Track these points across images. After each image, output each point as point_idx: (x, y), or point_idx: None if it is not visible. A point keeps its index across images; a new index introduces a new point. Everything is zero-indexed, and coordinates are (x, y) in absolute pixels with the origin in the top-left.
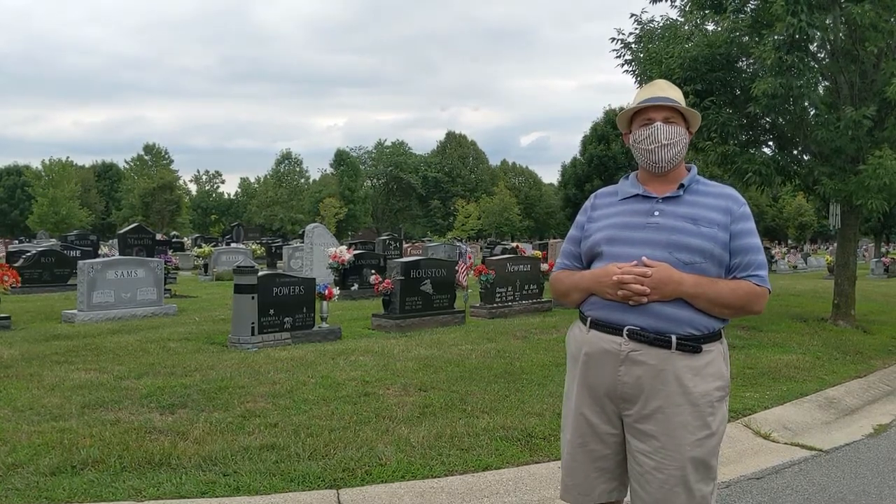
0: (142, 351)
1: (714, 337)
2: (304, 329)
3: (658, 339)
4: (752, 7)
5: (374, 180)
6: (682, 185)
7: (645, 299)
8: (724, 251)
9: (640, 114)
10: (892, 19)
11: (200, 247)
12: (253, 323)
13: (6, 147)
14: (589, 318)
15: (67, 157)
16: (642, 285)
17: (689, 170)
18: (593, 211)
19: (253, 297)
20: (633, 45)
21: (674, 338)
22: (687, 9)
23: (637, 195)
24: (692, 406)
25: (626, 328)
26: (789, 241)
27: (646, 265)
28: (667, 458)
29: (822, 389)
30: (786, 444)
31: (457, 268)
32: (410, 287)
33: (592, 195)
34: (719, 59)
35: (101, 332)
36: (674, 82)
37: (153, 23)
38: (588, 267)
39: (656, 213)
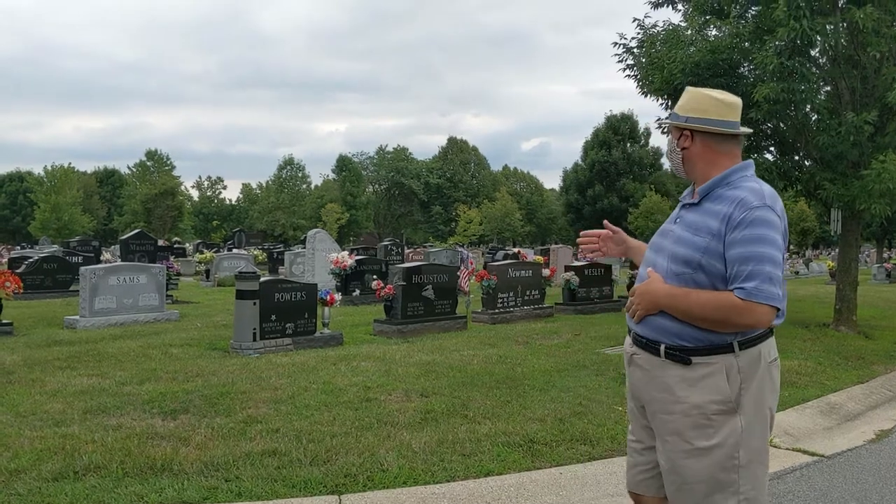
0: (144, 356)
1: (714, 350)
2: (306, 335)
3: (650, 346)
4: (755, 12)
5: (376, 186)
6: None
7: (640, 310)
8: (715, 261)
9: None
10: (895, 24)
11: (202, 253)
12: (255, 329)
13: (8, 153)
14: None
15: (69, 163)
16: (632, 296)
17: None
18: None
19: (255, 303)
20: (635, 50)
21: (662, 346)
22: (689, 12)
23: (681, 202)
24: (684, 416)
25: (632, 333)
26: (791, 247)
27: (649, 276)
28: (668, 462)
29: (823, 395)
30: (788, 449)
31: (458, 273)
32: (412, 293)
33: None
34: (721, 64)
35: (103, 337)
36: (674, 88)
37: (154, 28)
38: None
39: (677, 221)
